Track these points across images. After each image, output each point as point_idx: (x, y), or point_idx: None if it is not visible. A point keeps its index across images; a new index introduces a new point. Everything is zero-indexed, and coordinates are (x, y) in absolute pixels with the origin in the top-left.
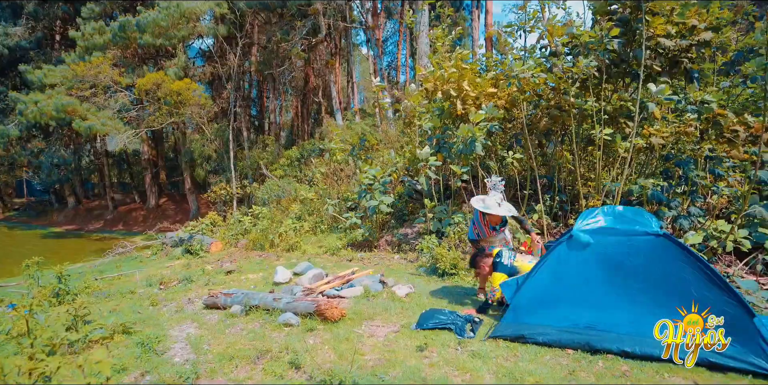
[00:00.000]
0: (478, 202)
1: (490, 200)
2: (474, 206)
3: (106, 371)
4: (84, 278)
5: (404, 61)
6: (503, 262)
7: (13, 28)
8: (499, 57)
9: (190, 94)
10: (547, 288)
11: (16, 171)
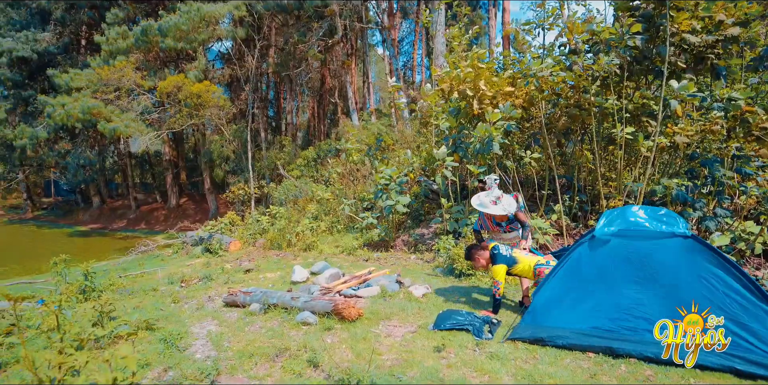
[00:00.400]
0: (475, 199)
1: (485, 197)
2: (472, 204)
3: (132, 366)
4: (108, 275)
5: (420, 61)
6: (501, 253)
7: (42, 33)
8: (516, 55)
9: (209, 96)
10: (567, 290)
11: (44, 172)
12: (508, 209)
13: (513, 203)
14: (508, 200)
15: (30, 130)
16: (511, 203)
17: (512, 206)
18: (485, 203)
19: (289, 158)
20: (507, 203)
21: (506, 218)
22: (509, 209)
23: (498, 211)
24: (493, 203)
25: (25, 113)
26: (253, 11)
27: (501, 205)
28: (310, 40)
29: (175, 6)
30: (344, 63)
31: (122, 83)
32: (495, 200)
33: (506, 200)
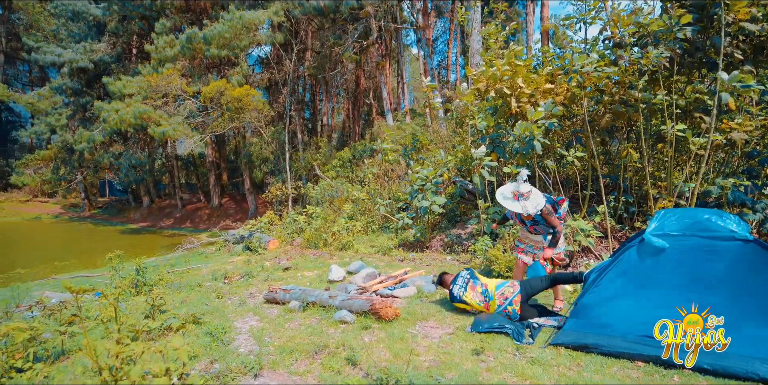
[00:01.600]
0: (500, 189)
1: (508, 189)
2: (496, 195)
3: (183, 357)
4: (158, 270)
5: (455, 60)
6: (453, 292)
7: (98, 44)
8: (556, 51)
9: (249, 100)
10: (614, 295)
11: (99, 173)
12: (528, 208)
13: (539, 204)
14: (534, 200)
15: (88, 134)
16: (536, 204)
17: (534, 207)
18: (507, 194)
19: (325, 159)
20: (532, 203)
21: (530, 217)
22: (529, 210)
23: (515, 208)
24: (515, 197)
25: (83, 119)
26: (291, 16)
27: (522, 202)
28: (346, 42)
29: (218, 14)
30: (379, 64)
31: (169, 89)
32: (518, 195)
33: (533, 198)
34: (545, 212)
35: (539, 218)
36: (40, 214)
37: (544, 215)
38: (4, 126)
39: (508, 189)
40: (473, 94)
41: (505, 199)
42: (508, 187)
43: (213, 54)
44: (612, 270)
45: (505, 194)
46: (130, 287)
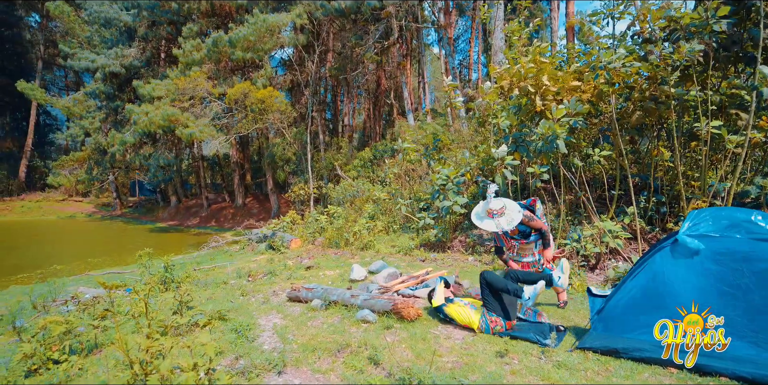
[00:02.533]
0: (474, 210)
1: (481, 208)
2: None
3: (210, 352)
4: (185, 268)
5: (476, 59)
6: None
7: (128, 49)
8: (582, 48)
9: (272, 102)
10: (645, 298)
11: (130, 173)
12: (502, 225)
13: (514, 219)
14: (509, 215)
15: (120, 136)
16: (510, 220)
17: (509, 223)
18: (481, 214)
19: (346, 159)
20: (506, 219)
21: (516, 230)
22: (504, 227)
23: (489, 227)
24: (489, 215)
25: (115, 122)
26: (313, 18)
27: (496, 220)
28: (367, 42)
29: (242, 18)
30: (400, 64)
31: (196, 92)
32: (491, 213)
33: (508, 213)
34: (525, 220)
35: (523, 228)
36: (75, 213)
37: (525, 222)
38: (42, 129)
39: (481, 208)
40: (496, 92)
41: (479, 218)
42: (480, 207)
43: (238, 57)
44: (642, 272)
45: (479, 214)
46: (159, 283)
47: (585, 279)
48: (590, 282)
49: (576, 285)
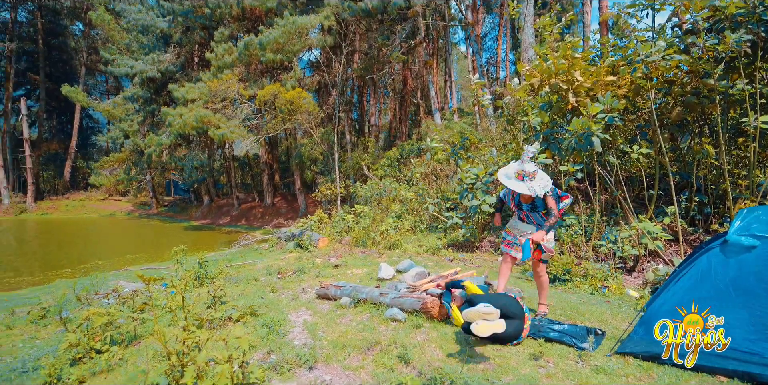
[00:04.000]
0: (504, 169)
1: (512, 169)
2: (498, 175)
3: (245, 345)
4: (217, 264)
5: (504, 57)
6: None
7: (164, 55)
8: (617, 42)
9: (300, 102)
10: (691, 302)
11: (166, 173)
12: (535, 189)
13: (547, 184)
14: (540, 181)
15: (156, 138)
16: (544, 185)
17: (542, 188)
18: (510, 174)
19: (373, 159)
20: (539, 183)
21: (531, 199)
22: (537, 191)
23: (521, 188)
24: (519, 177)
25: (152, 124)
26: (340, 19)
27: (528, 183)
28: (393, 42)
29: (272, 21)
30: (426, 63)
31: (228, 94)
32: (522, 175)
33: (540, 178)
34: (550, 194)
35: (540, 202)
36: (115, 211)
37: (546, 197)
38: (85, 132)
39: (512, 169)
40: (525, 89)
41: (508, 179)
42: (512, 167)
43: (268, 59)
44: (687, 274)
45: (508, 174)
46: (193, 279)
47: (622, 282)
48: (628, 285)
49: (613, 288)
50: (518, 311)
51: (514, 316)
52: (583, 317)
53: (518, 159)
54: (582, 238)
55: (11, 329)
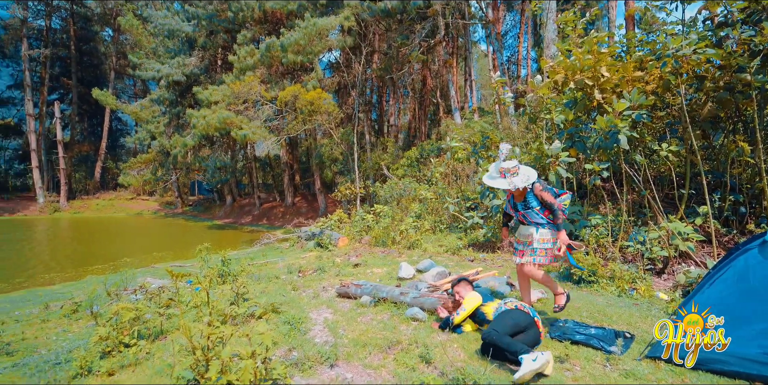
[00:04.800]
0: (487, 174)
1: (493, 169)
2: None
3: (267, 341)
4: (239, 262)
5: (525, 55)
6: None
7: (189, 58)
8: (644, 36)
9: (320, 103)
10: (727, 305)
11: (190, 174)
12: (516, 183)
13: (530, 177)
14: (524, 175)
15: (182, 140)
16: (526, 178)
17: (524, 181)
18: (493, 174)
19: (392, 159)
20: (520, 177)
21: (522, 196)
22: (517, 184)
23: (502, 185)
24: (501, 175)
25: (177, 125)
26: (360, 20)
27: (509, 179)
28: (413, 41)
29: (293, 23)
30: (446, 61)
31: (249, 95)
32: (504, 172)
33: (522, 173)
34: (538, 188)
35: (532, 198)
36: (142, 210)
37: (537, 191)
38: (115, 134)
39: (494, 169)
40: (548, 86)
41: (491, 179)
42: (493, 167)
43: (290, 60)
44: (723, 277)
45: (491, 175)
46: (217, 276)
47: (651, 284)
48: (657, 287)
49: (641, 290)
50: (528, 320)
51: (527, 327)
52: (610, 320)
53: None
54: (608, 238)
55: (46, 323)
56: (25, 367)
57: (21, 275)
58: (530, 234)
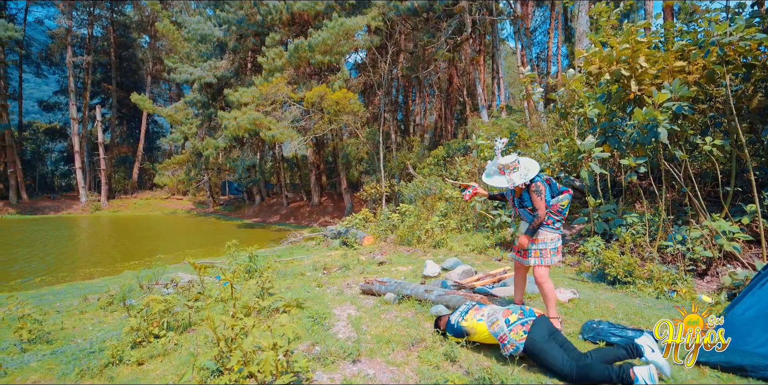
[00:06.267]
0: (485, 172)
1: (491, 166)
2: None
3: (289, 333)
4: (266, 259)
5: (555, 51)
6: (450, 321)
7: (220, 61)
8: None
9: (346, 103)
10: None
11: (221, 174)
12: (514, 180)
13: (529, 173)
14: (523, 172)
15: (213, 142)
16: (524, 174)
17: (521, 178)
18: (491, 172)
19: (418, 158)
20: (519, 174)
21: (519, 192)
22: (515, 181)
23: (500, 182)
24: (501, 171)
25: (209, 127)
26: (386, 19)
27: (508, 175)
28: (439, 40)
29: (320, 24)
30: (473, 59)
31: (277, 96)
32: (503, 169)
33: (522, 168)
34: (532, 189)
35: (526, 196)
36: (176, 209)
37: (530, 191)
38: (151, 136)
39: (493, 166)
40: (581, 80)
41: (489, 177)
42: (490, 164)
43: (317, 61)
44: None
45: (489, 173)
46: (244, 272)
47: (692, 286)
48: (699, 290)
49: (682, 292)
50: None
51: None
52: (648, 323)
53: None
54: (645, 238)
55: (83, 314)
56: (62, 355)
57: (64, 269)
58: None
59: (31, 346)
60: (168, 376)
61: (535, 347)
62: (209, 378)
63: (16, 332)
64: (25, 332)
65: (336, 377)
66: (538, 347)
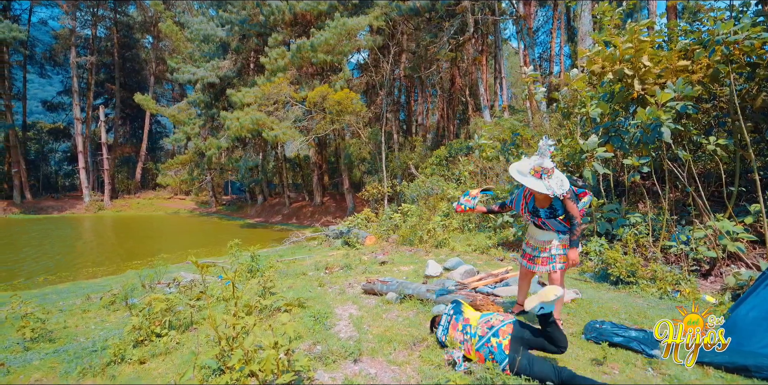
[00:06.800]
0: (515, 165)
1: (526, 164)
2: (509, 170)
3: (290, 331)
4: (268, 259)
5: (558, 51)
6: (437, 334)
7: (223, 61)
8: (687, 26)
9: (348, 103)
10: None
11: (224, 174)
12: (553, 188)
13: (564, 183)
14: (558, 179)
15: (216, 142)
16: (561, 183)
17: (560, 187)
18: (524, 170)
19: (420, 158)
20: (556, 181)
21: (548, 202)
22: (555, 190)
23: (538, 187)
24: (536, 174)
25: (211, 127)
26: (388, 19)
27: (546, 181)
28: (441, 39)
29: (323, 24)
30: (475, 59)
31: (279, 96)
32: (540, 172)
33: (557, 176)
34: (567, 196)
35: (558, 204)
36: (179, 209)
37: (565, 199)
38: (154, 136)
39: (527, 165)
40: (584, 79)
41: (523, 176)
42: (527, 163)
43: (319, 60)
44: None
45: (521, 170)
46: (246, 271)
47: (696, 286)
48: (703, 290)
49: (686, 292)
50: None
51: None
52: (652, 323)
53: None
54: (648, 238)
55: (86, 313)
56: (65, 353)
57: (68, 269)
58: (550, 240)
59: (33, 344)
60: (169, 374)
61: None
62: (210, 377)
63: (19, 330)
64: (28, 330)
65: (337, 377)
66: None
